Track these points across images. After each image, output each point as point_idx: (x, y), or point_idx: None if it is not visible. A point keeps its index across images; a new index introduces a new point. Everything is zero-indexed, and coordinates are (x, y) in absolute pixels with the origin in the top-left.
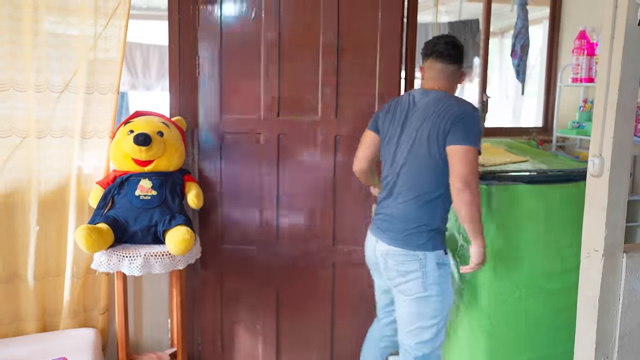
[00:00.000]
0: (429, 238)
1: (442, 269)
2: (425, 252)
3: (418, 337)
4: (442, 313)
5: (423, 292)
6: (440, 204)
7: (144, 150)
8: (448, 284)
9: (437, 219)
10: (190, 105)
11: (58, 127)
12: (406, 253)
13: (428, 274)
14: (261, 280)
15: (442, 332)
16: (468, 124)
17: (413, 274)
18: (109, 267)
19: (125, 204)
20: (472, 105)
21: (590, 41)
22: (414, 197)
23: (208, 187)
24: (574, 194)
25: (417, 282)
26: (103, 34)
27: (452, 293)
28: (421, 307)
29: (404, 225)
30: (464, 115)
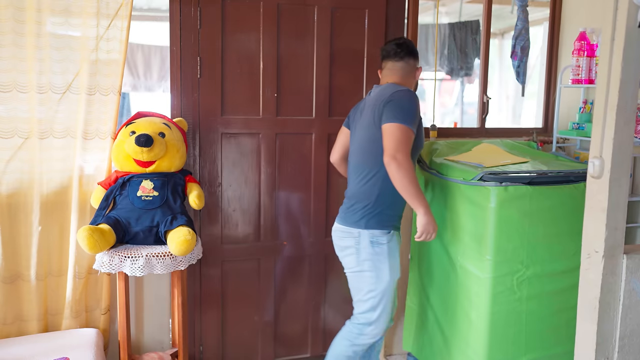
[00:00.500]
0: (362, 216)
1: (377, 247)
2: (359, 230)
3: (358, 308)
4: (377, 288)
5: (356, 267)
6: (377, 183)
7: (145, 151)
8: (383, 263)
9: (373, 197)
10: (191, 106)
11: (60, 128)
12: (343, 229)
13: (361, 250)
14: (262, 278)
15: (380, 307)
16: (397, 104)
17: (348, 250)
18: (111, 268)
19: (127, 205)
20: (409, 90)
21: (590, 42)
22: (356, 177)
23: (209, 188)
24: (574, 195)
25: (351, 258)
26: (105, 35)
27: (389, 272)
28: (357, 282)
29: (347, 204)
30: (395, 97)
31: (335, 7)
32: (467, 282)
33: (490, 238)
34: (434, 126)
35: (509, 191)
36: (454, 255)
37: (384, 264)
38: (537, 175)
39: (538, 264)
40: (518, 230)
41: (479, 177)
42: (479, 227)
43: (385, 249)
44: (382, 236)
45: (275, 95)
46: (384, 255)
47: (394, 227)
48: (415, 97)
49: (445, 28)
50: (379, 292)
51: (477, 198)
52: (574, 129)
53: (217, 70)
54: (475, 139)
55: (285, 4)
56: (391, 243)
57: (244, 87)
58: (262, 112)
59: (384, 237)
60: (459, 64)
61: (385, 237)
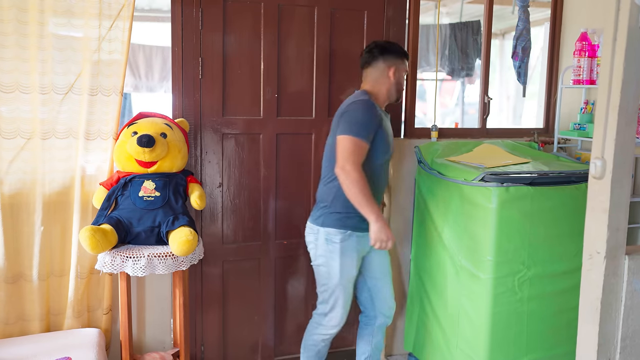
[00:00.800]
0: (322, 214)
1: (330, 245)
2: (318, 227)
3: (318, 299)
4: (327, 283)
5: (314, 261)
6: (334, 186)
7: (147, 152)
8: (335, 260)
9: (330, 199)
10: (193, 106)
11: (62, 128)
12: (309, 225)
13: (318, 246)
14: (263, 278)
15: (332, 301)
16: (351, 116)
17: (310, 245)
18: (112, 268)
19: (129, 205)
20: (361, 100)
21: (591, 43)
22: (321, 181)
23: (210, 188)
24: (575, 195)
25: (312, 252)
26: (107, 36)
27: (339, 270)
28: (315, 274)
29: (316, 203)
30: (350, 109)
31: (335, 8)
32: (468, 282)
33: (491, 239)
34: (435, 127)
35: (510, 192)
36: (455, 255)
37: (335, 262)
38: (538, 175)
39: (539, 264)
40: (519, 231)
41: (480, 177)
42: (480, 227)
43: (338, 248)
44: (337, 235)
45: (276, 95)
46: (336, 254)
47: (353, 228)
48: (371, 108)
49: (446, 28)
50: (329, 287)
51: (478, 199)
52: (575, 130)
53: (218, 71)
54: (476, 139)
55: (285, 5)
56: (345, 243)
57: (245, 88)
58: (263, 112)
59: (338, 236)
60: (460, 65)
61: (340, 237)
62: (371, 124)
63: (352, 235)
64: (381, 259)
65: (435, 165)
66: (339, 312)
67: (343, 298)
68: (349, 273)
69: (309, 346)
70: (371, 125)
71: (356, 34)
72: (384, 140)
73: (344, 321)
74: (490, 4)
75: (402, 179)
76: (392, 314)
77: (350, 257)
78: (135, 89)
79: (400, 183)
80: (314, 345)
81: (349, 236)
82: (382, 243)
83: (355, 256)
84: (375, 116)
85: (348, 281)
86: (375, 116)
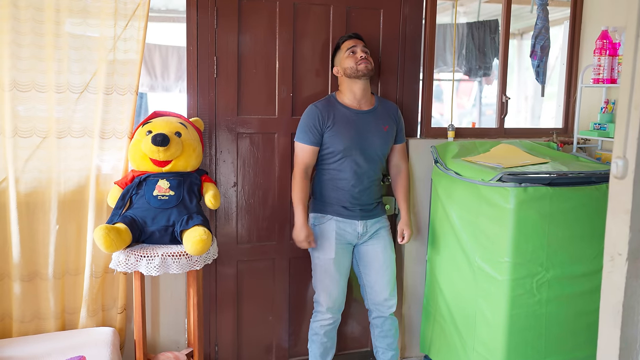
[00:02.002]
0: (310, 202)
1: (315, 228)
2: (309, 213)
3: None
4: (313, 267)
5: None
6: (316, 177)
7: (162, 151)
8: (319, 241)
9: (314, 187)
10: (207, 105)
11: (78, 127)
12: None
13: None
14: (277, 278)
15: (316, 286)
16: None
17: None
18: (126, 267)
19: (143, 204)
20: (310, 106)
21: (612, 41)
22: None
23: (225, 187)
24: (595, 196)
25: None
26: (122, 35)
27: (318, 252)
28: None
29: None
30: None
31: (351, 6)
32: (485, 284)
33: (508, 240)
34: (452, 126)
35: (528, 192)
36: (471, 256)
37: (315, 244)
38: (557, 176)
39: (558, 266)
40: (537, 232)
41: (497, 177)
42: (498, 228)
43: (317, 230)
44: (317, 219)
45: (291, 95)
46: (317, 236)
47: (333, 213)
48: (309, 112)
49: (463, 27)
50: (314, 271)
51: (495, 199)
52: (595, 130)
53: (233, 70)
54: (493, 139)
55: (301, 4)
56: (323, 226)
57: (260, 87)
58: (278, 111)
59: (317, 220)
60: (477, 64)
61: (319, 220)
62: (309, 128)
63: (332, 219)
64: (376, 251)
65: (452, 165)
66: (323, 296)
67: (324, 281)
68: (326, 255)
69: (311, 336)
70: (309, 128)
71: (372, 33)
72: (337, 136)
73: (335, 308)
74: (508, 3)
75: (419, 178)
76: (389, 310)
77: (328, 240)
78: (151, 89)
79: (417, 183)
80: (315, 334)
81: (327, 220)
82: (299, 243)
83: (334, 240)
84: (315, 118)
85: (327, 264)
86: (315, 118)
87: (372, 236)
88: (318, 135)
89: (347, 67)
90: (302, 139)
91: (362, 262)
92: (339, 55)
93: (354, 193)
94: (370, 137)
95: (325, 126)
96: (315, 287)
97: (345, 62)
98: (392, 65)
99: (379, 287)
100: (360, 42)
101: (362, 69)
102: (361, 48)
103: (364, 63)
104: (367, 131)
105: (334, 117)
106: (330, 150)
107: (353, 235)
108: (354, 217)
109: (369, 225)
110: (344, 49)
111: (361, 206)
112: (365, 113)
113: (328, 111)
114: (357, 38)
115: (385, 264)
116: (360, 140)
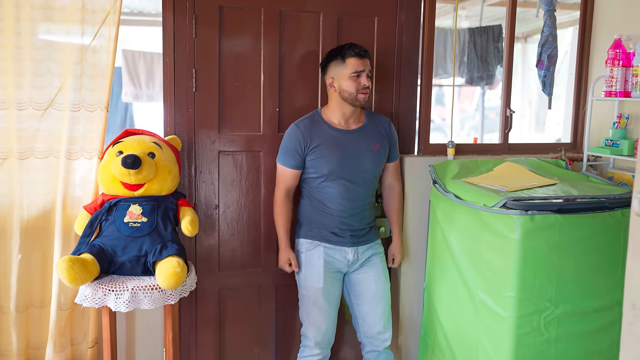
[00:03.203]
0: (299, 225)
1: (299, 256)
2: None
3: None
4: (301, 292)
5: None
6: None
7: (133, 174)
8: (301, 270)
9: (301, 211)
10: (186, 122)
11: (42, 147)
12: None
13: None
14: (263, 307)
15: (302, 317)
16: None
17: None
18: (93, 302)
19: (113, 232)
20: (292, 125)
21: (626, 51)
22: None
23: (206, 210)
24: (608, 224)
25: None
26: (91, 46)
27: (304, 280)
28: None
29: None
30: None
31: (343, 13)
32: (488, 319)
33: (513, 273)
34: (452, 143)
35: (535, 221)
36: (472, 288)
37: (301, 272)
38: (567, 202)
39: (568, 301)
40: (546, 265)
41: (501, 203)
42: (501, 259)
43: (303, 258)
44: (303, 245)
45: (278, 109)
46: (302, 264)
47: (321, 239)
48: (291, 132)
49: (465, 33)
50: (300, 301)
51: (499, 227)
52: (607, 146)
53: (214, 83)
54: (497, 156)
55: (288, 11)
56: (310, 252)
57: (244, 101)
58: (264, 128)
59: (304, 246)
60: (480, 73)
61: (305, 246)
62: (289, 151)
63: (319, 245)
64: (368, 280)
65: (451, 186)
66: (311, 330)
67: (312, 313)
68: (314, 284)
69: None
70: (289, 151)
71: (366, 42)
72: (321, 159)
73: (324, 342)
74: (513, 7)
75: (416, 199)
76: (384, 344)
77: (316, 268)
78: (135, 98)
79: (414, 204)
80: None
81: (315, 246)
82: (281, 267)
83: (322, 268)
84: (296, 141)
85: (315, 294)
86: (296, 141)
87: (363, 264)
88: (299, 159)
89: (346, 91)
90: (283, 161)
91: (353, 292)
92: (340, 69)
93: (344, 218)
94: (359, 159)
95: (308, 149)
96: (302, 319)
97: (346, 84)
98: (387, 76)
99: (371, 319)
100: (368, 64)
101: (362, 101)
102: (367, 74)
103: (365, 95)
104: (356, 152)
105: (318, 138)
106: (314, 175)
107: (343, 263)
108: (343, 243)
109: (360, 252)
110: (349, 66)
111: (352, 232)
112: (353, 132)
113: (311, 132)
114: (367, 57)
115: (379, 294)
116: (348, 163)
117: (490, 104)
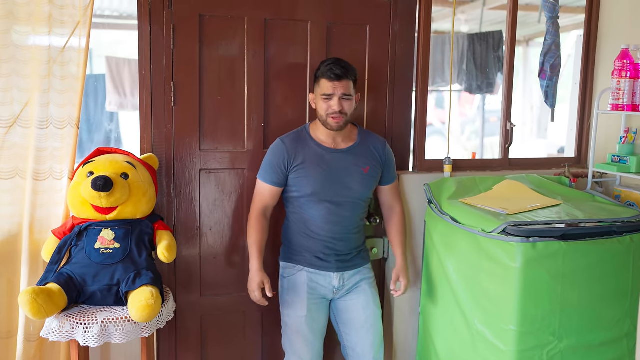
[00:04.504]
0: (282, 248)
1: (282, 280)
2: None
3: None
4: (284, 320)
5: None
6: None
7: (104, 196)
8: (283, 297)
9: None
10: (164, 139)
11: (7, 167)
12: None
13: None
14: (248, 334)
15: (285, 347)
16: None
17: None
18: (60, 336)
19: (83, 259)
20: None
21: (634, 61)
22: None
23: (186, 232)
24: (616, 251)
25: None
26: (59, 58)
27: (287, 308)
28: None
29: None
30: None
31: (333, 22)
32: (486, 353)
33: (514, 304)
34: (449, 159)
35: (537, 248)
36: (470, 318)
37: (283, 298)
38: (571, 227)
39: (573, 334)
40: (549, 295)
41: (501, 229)
42: (501, 289)
43: (285, 283)
44: (286, 269)
45: (263, 125)
46: (284, 288)
47: (305, 264)
48: (275, 147)
49: (464, 40)
50: (283, 325)
51: (498, 254)
52: (613, 162)
53: (194, 97)
54: (496, 172)
55: (273, 20)
56: (293, 278)
57: (226, 117)
58: (247, 144)
59: (286, 271)
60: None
61: (288, 271)
62: (272, 166)
63: (303, 270)
64: (356, 307)
65: (447, 208)
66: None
67: (295, 343)
68: (297, 312)
69: None
70: (272, 167)
71: (357, 52)
72: (304, 179)
73: None
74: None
75: (412, 218)
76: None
77: (299, 295)
78: (120, 107)
79: (408, 224)
80: None
81: (298, 271)
82: (250, 293)
83: (305, 294)
84: (280, 156)
85: (298, 322)
86: (280, 156)
87: (350, 290)
88: (282, 176)
89: (318, 112)
90: (264, 177)
91: (341, 320)
92: (316, 87)
93: (328, 242)
94: (346, 181)
95: (292, 166)
96: (285, 349)
97: (318, 105)
98: (380, 88)
99: (361, 349)
100: (341, 87)
101: (333, 125)
102: (339, 97)
103: (336, 120)
104: (342, 174)
105: (303, 155)
106: (296, 194)
107: (327, 290)
108: (328, 268)
109: (347, 278)
110: (321, 87)
111: (337, 256)
112: (341, 152)
113: (296, 148)
114: (341, 79)
115: (368, 322)
116: (333, 185)
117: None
